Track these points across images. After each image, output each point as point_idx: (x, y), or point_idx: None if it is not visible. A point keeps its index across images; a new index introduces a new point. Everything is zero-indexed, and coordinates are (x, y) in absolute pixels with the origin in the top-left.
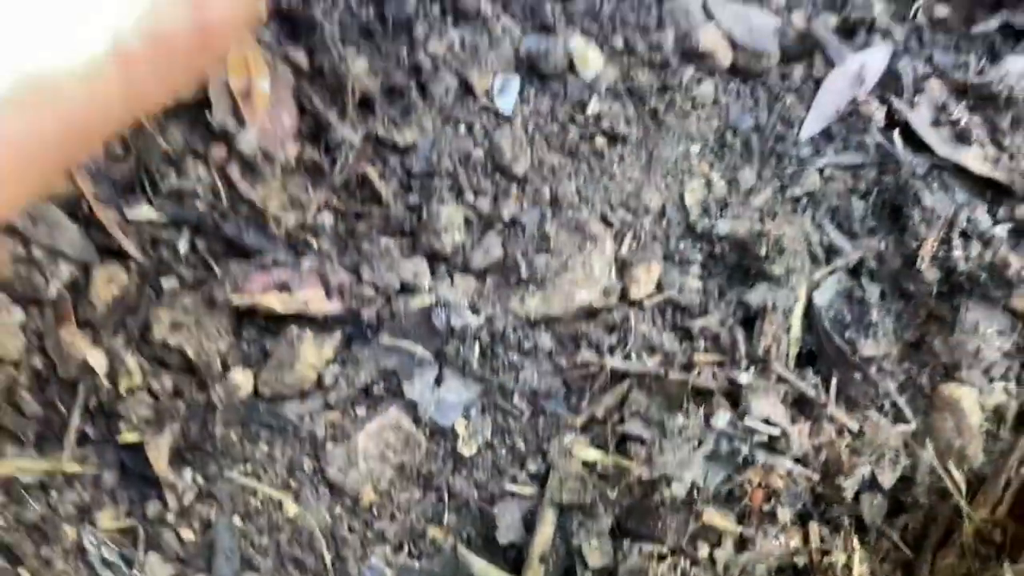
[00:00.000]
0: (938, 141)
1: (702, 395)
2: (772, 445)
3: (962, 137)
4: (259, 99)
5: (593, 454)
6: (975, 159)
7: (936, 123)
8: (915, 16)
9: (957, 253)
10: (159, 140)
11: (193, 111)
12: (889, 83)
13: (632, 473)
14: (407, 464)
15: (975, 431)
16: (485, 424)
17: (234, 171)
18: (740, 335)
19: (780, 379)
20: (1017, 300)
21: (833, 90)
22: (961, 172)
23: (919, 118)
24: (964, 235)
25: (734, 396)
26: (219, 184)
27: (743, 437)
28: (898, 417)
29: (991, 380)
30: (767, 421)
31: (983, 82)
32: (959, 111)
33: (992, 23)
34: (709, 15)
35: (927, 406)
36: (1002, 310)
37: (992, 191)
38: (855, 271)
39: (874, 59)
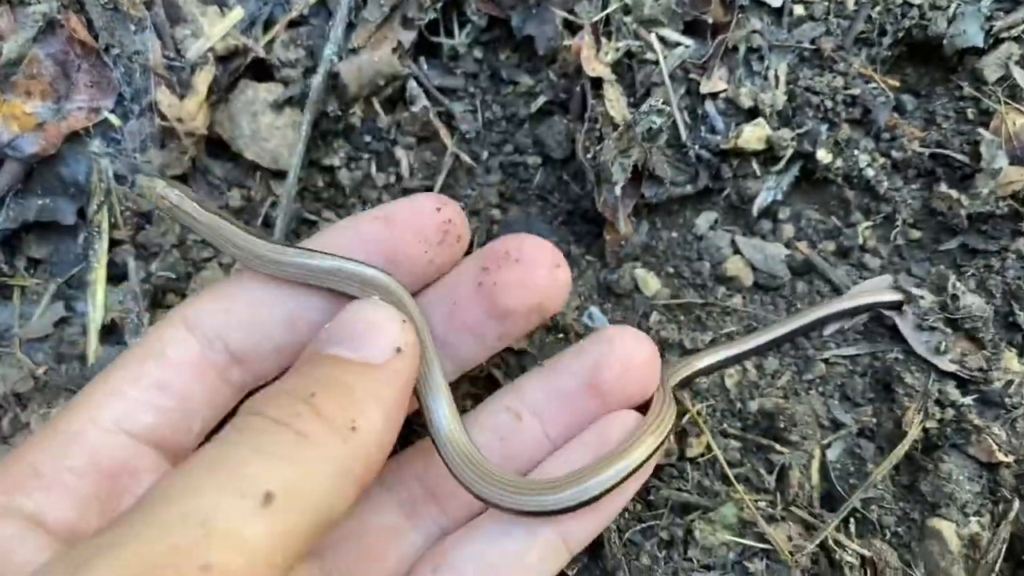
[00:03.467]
0: (918, 343)
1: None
2: None
3: (933, 347)
4: None
5: None
6: (941, 359)
7: (919, 328)
8: (895, 239)
9: (932, 420)
10: None
11: None
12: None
13: None
14: None
15: (956, 556)
16: None
17: None
18: (771, 482)
19: (800, 517)
20: (981, 452)
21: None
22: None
23: (905, 324)
24: (939, 404)
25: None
26: None
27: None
28: (898, 544)
29: (966, 515)
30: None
31: (953, 310)
32: (935, 321)
33: (954, 243)
34: (735, 249)
35: (919, 535)
36: (971, 460)
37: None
38: (859, 433)
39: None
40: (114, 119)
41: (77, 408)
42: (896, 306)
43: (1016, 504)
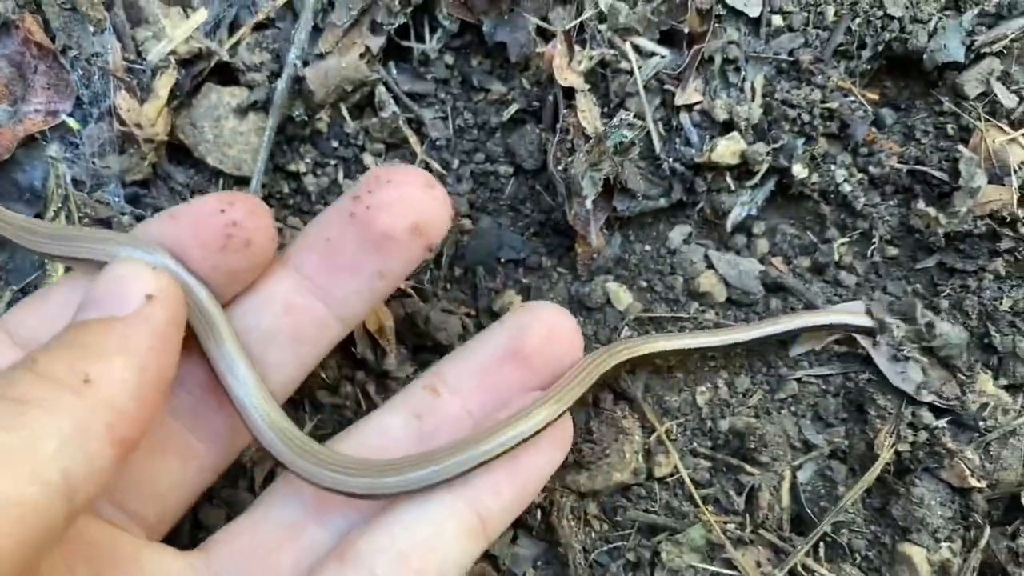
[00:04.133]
0: (892, 374)
1: (712, 546)
2: None
3: (909, 378)
4: None
5: None
6: (917, 390)
7: (894, 359)
8: (871, 256)
9: (904, 444)
10: None
11: None
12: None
13: None
14: None
15: None
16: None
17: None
18: (741, 504)
19: (769, 541)
20: (954, 477)
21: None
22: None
23: (879, 355)
24: (912, 426)
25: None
26: None
27: None
28: (868, 569)
29: (937, 541)
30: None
31: (928, 339)
32: (910, 351)
33: (930, 261)
34: (709, 264)
35: (890, 560)
36: (943, 485)
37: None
38: (830, 454)
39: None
40: (72, 123)
41: None
42: (869, 332)
43: (987, 530)
